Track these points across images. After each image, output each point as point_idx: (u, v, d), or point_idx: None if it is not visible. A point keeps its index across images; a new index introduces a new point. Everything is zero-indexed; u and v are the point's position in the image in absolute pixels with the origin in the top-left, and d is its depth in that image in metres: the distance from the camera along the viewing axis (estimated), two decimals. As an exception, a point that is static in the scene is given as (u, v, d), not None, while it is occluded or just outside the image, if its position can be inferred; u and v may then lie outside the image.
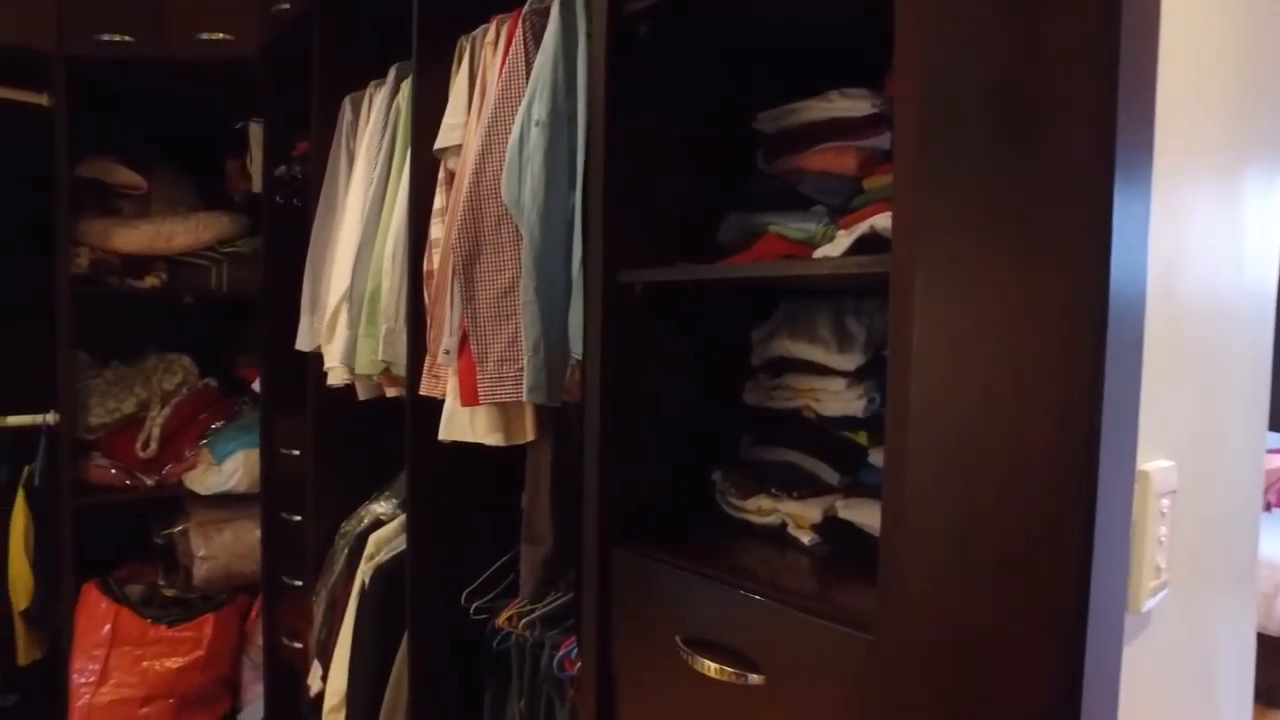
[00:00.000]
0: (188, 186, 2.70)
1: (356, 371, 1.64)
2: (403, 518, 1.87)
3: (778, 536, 1.15)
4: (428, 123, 1.51)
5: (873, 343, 1.14)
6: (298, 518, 2.15)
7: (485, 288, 1.28)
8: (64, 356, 2.40)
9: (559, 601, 1.43)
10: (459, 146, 1.42)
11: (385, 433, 1.94)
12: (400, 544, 1.78)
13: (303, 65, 2.04)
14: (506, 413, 1.35)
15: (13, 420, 2.43)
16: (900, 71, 0.74)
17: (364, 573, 1.81)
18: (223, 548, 2.61)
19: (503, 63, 1.35)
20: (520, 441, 1.37)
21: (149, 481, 2.58)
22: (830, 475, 1.15)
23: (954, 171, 0.76)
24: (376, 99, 1.80)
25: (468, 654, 1.62)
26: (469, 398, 1.30)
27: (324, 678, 1.90)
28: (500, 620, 1.46)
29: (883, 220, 0.96)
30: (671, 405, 1.20)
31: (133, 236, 2.47)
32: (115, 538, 2.61)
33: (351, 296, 1.64)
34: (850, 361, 1.13)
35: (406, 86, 1.69)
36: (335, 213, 1.88)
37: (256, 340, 2.63)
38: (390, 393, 1.70)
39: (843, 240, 1.02)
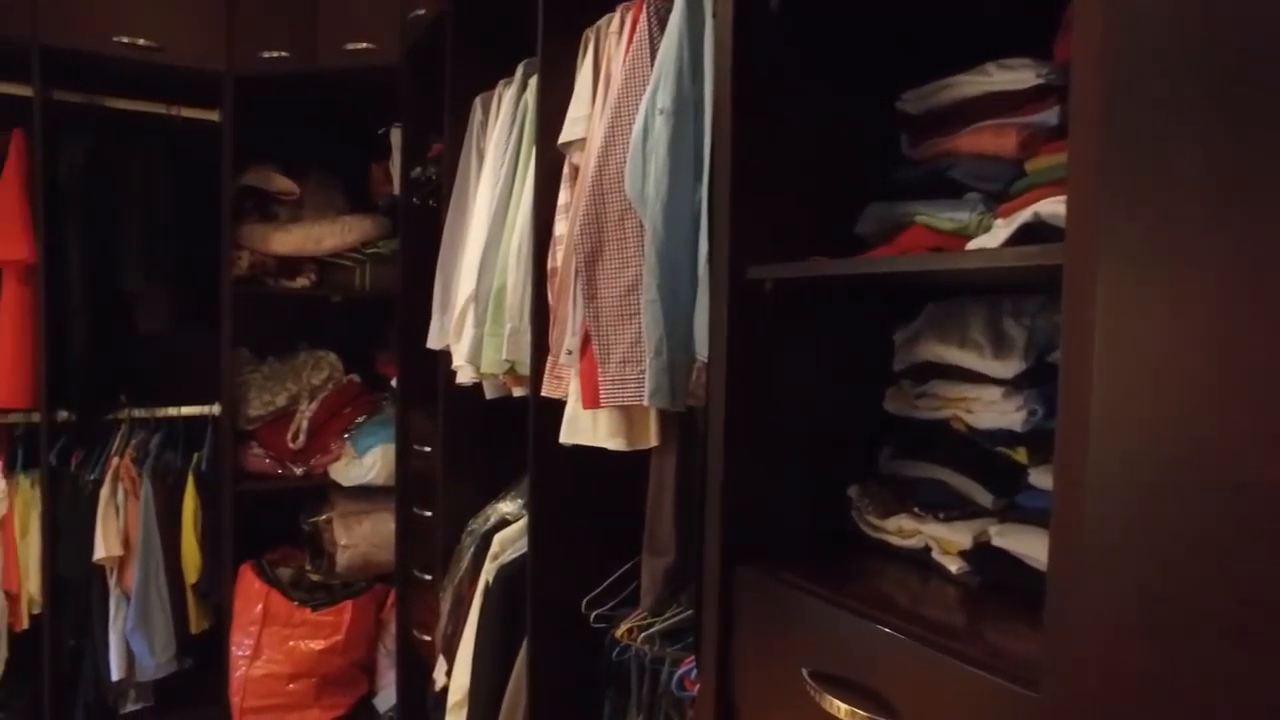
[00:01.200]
0: (336, 191, 2.83)
1: (482, 371, 1.63)
2: (527, 518, 1.86)
3: (920, 561, 1.03)
4: (553, 117, 1.48)
5: (1034, 347, 1.00)
6: (429, 513, 2.19)
7: (607, 285, 1.22)
8: (227, 352, 2.56)
9: (680, 616, 1.37)
10: (583, 140, 1.38)
11: (513, 431, 1.93)
12: (524, 544, 1.77)
13: (439, 69, 2.07)
14: (629, 416, 1.29)
15: (185, 410, 2.63)
16: (1081, 20, 0.62)
17: (488, 572, 1.81)
18: (362, 537, 2.71)
19: (626, 51, 1.29)
20: (643, 447, 1.31)
21: (298, 471, 2.72)
22: (983, 496, 1.02)
23: (1148, 144, 0.63)
24: (505, 97, 1.80)
25: (587, 661, 1.58)
26: (590, 400, 1.25)
27: (448, 673, 1.92)
28: (619, 632, 1.41)
29: (1050, 206, 0.83)
30: (802, 412, 1.10)
31: (286, 240, 2.61)
32: (268, 522, 2.76)
33: (478, 295, 1.64)
34: (1008, 368, 1.00)
35: (533, 82, 1.67)
36: (465, 212, 1.89)
37: (396, 338, 2.73)
38: (516, 392, 1.68)
39: (1001, 230, 0.90)
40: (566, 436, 1.34)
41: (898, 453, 1.15)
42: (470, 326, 1.67)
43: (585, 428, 1.32)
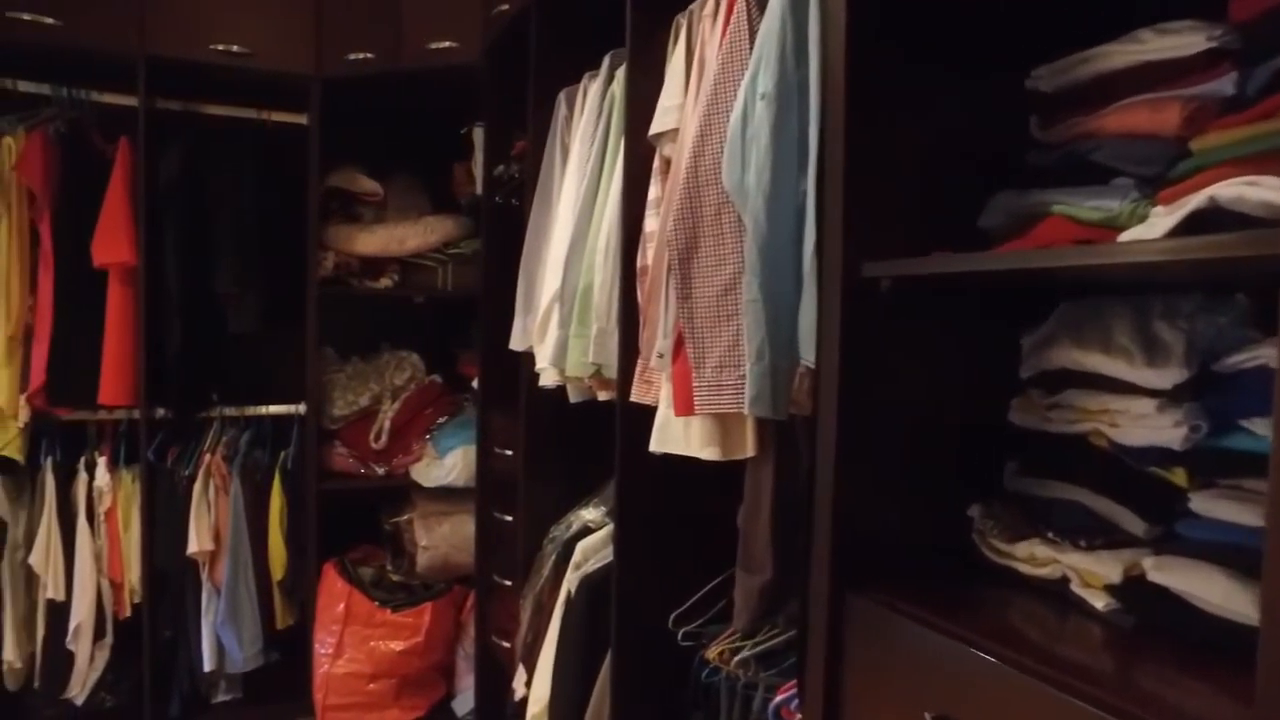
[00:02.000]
0: (419, 191, 2.83)
1: (567, 374, 1.57)
2: (611, 527, 1.80)
3: (1057, 594, 0.92)
4: (642, 108, 1.41)
5: (1195, 354, 0.88)
6: (509, 518, 2.15)
7: (703, 284, 1.15)
8: (312, 352, 2.59)
9: (777, 639, 1.27)
10: (676, 131, 1.31)
11: (597, 436, 1.87)
12: (608, 554, 1.71)
13: (522, 64, 2.03)
14: (725, 424, 1.21)
15: (273, 409, 2.67)
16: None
17: (570, 582, 1.75)
18: (442, 538, 2.70)
19: (723, 34, 1.21)
20: (739, 457, 1.23)
21: (380, 471, 2.73)
22: (1133, 523, 0.90)
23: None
24: (590, 90, 1.74)
25: (673, 680, 1.50)
26: (683, 407, 1.18)
27: (528, 684, 1.87)
28: (711, 653, 1.33)
29: (1230, 189, 0.72)
30: (919, 423, 1.00)
31: (370, 240, 2.62)
32: (351, 521, 2.78)
33: (563, 295, 1.58)
34: (1164, 378, 0.88)
35: (621, 73, 1.60)
36: (549, 209, 1.84)
37: (478, 338, 2.71)
38: (602, 396, 1.62)
39: (1161, 219, 0.78)
40: (657, 445, 1.26)
41: (1025, 469, 1.04)
42: (555, 328, 1.61)
43: (677, 436, 1.24)
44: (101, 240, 2.34)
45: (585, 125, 1.68)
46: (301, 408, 2.65)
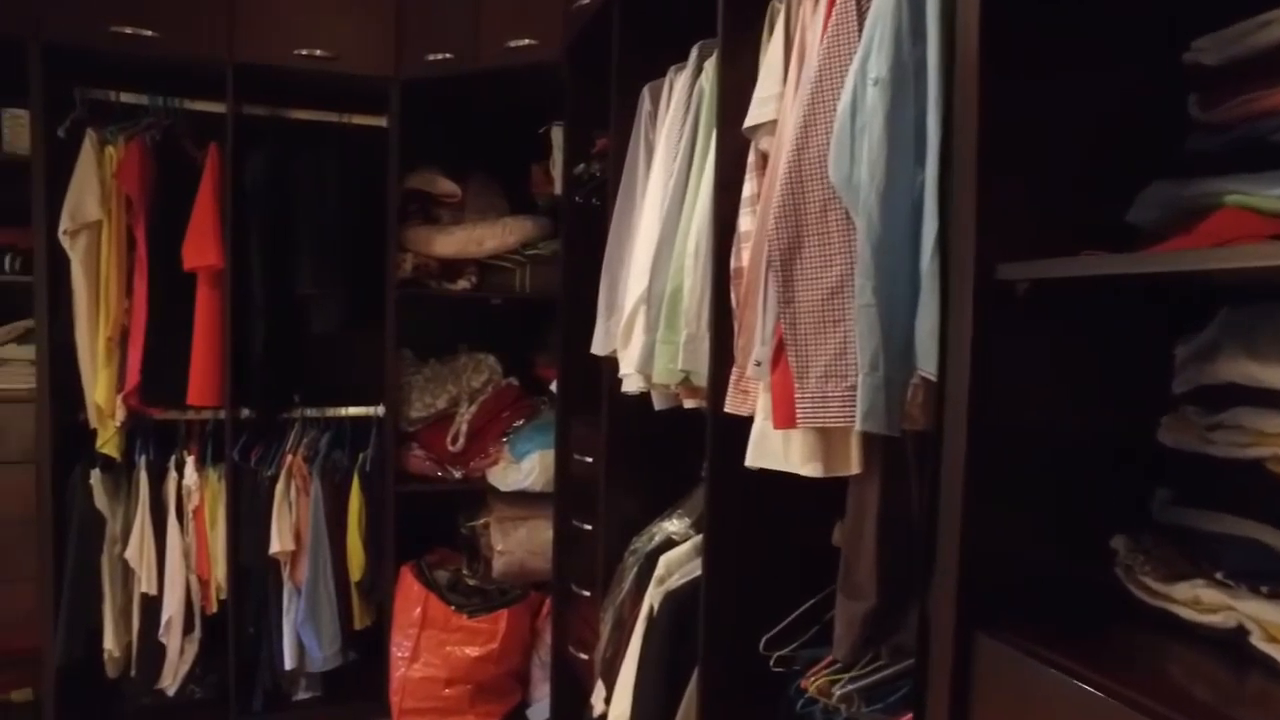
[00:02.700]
0: (497, 192, 2.80)
1: (654, 380, 1.50)
2: (696, 540, 1.72)
3: (1231, 646, 0.80)
4: (735, 100, 1.32)
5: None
6: (588, 526, 2.09)
7: (807, 287, 1.05)
8: (391, 354, 2.59)
9: (882, 671, 1.17)
10: (773, 123, 1.22)
11: (681, 444, 1.81)
12: (693, 569, 1.63)
13: (603, 59, 1.97)
14: (828, 438, 1.12)
15: (352, 411, 2.68)
16: None
17: (653, 596, 1.68)
18: (518, 544, 2.67)
19: (827, 17, 1.12)
20: (842, 473, 1.13)
21: (456, 474, 2.71)
22: (1325, 565, 0.77)
23: None
24: (677, 84, 1.66)
25: (764, 706, 1.41)
26: (784, 419, 1.09)
27: (607, 700, 1.80)
28: (809, 684, 1.23)
29: None
30: (1055, 442, 0.89)
31: (449, 242, 2.60)
32: (428, 523, 2.77)
33: (649, 298, 1.51)
34: (1365, 396, 0.75)
35: (710, 65, 1.53)
36: (632, 209, 1.77)
37: (556, 341, 2.66)
38: (689, 404, 1.54)
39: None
40: (754, 459, 1.18)
41: (1182, 498, 0.91)
42: (640, 332, 1.54)
43: (775, 450, 1.15)
44: (191, 244, 2.39)
45: (672, 121, 1.61)
46: (380, 409, 2.65)
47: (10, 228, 2.37)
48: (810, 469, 1.13)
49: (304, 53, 2.42)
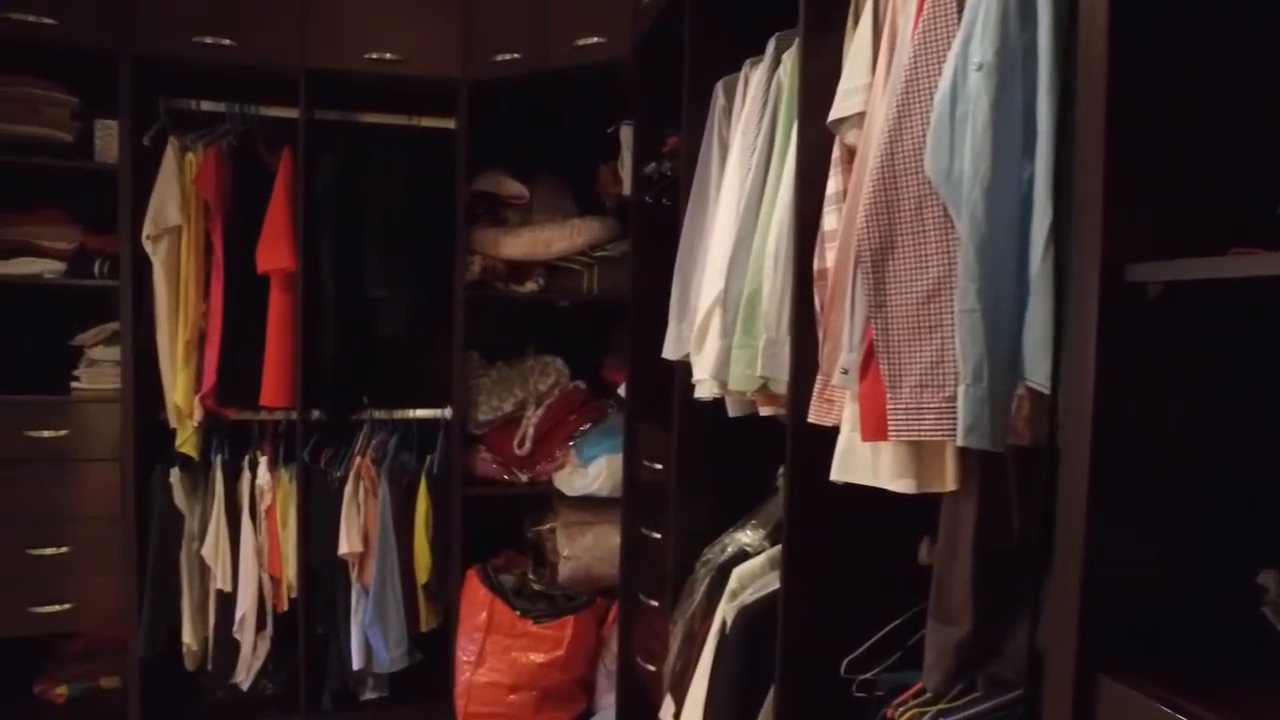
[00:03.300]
0: (564, 193, 2.78)
1: (729, 387, 1.44)
2: (770, 552, 1.65)
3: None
4: (817, 92, 1.26)
5: None
6: (657, 535, 2.04)
7: (901, 290, 0.98)
8: (458, 356, 2.58)
9: (978, 706, 1.09)
10: (861, 115, 1.15)
11: (756, 452, 1.75)
12: (768, 583, 1.56)
13: (673, 56, 1.92)
14: (920, 452, 1.04)
15: (420, 413, 2.69)
16: None
17: (726, 611, 1.61)
18: (585, 549, 2.63)
19: (921, 1, 1.04)
20: (936, 490, 1.05)
21: (523, 478, 2.69)
22: None
23: None
24: (753, 78, 1.60)
25: (845, 731, 1.34)
26: (873, 431, 1.02)
27: (676, 715, 1.75)
28: (895, 713, 1.16)
29: None
30: (1193, 463, 0.80)
31: (516, 244, 2.58)
32: (494, 527, 2.77)
33: (726, 301, 1.45)
34: None
35: (789, 58, 1.46)
36: (706, 208, 1.71)
37: (624, 344, 2.62)
38: (765, 411, 1.48)
39: None
40: (840, 473, 1.11)
41: (1335, 526, 0.81)
42: (716, 337, 1.48)
43: (863, 464, 1.08)
44: (264, 247, 2.42)
45: (748, 116, 1.54)
46: (447, 412, 2.65)
47: (102, 234, 2.45)
48: (901, 485, 1.06)
49: (374, 56, 2.44)
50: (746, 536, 1.75)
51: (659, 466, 2.03)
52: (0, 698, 2.52)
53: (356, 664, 2.59)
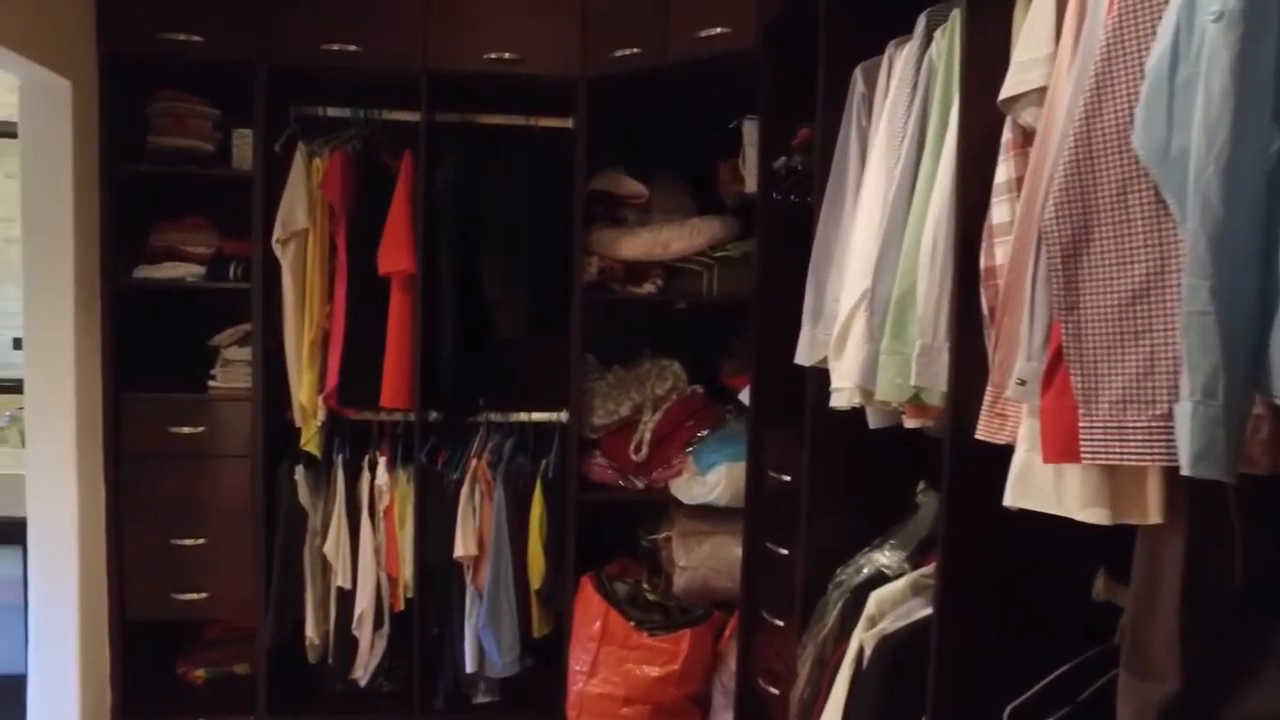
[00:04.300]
0: (683, 192, 2.69)
1: (877, 396, 1.31)
2: (912, 577, 1.51)
3: None
4: (983, 69, 1.12)
5: None
6: (784, 550, 1.92)
7: (1098, 290, 0.84)
8: (575, 359, 2.53)
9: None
10: (1041, 91, 1.01)
11: (893, 466, 1.63)
12: (910, 611, 1.43)
13: (803, 43, 1.80)
14: (1114, 478, 0.90)
15: (536, 416, 2.66)
16: None
17: (863, 638, 1.48)
18: (701, 560, 2.54)
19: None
20: (1135, 522, 0.91)
21: (639, 484, 2.62)
22: None
23: None
24: (898, 60, 1.47)
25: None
26: (1059, 451, 0.88)
27: (809, 748, 1.63)
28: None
29: None
30: None
31: (634, 244, 2.52)
32: (608, 533, 2.71)
33: (872, 303, 1.32)
34: None
35: (942, 35, 1.32)
36: (844, 203, 1.59)
37: (744, 347, 2.52)
38: (911, 424, 1.35)
39: None
40: (1015, 498, 0.97)
41: None
42: (859, 341, 1.36)
43: (1043, 489, 0.94)
44: (385, 250, 2.45)
45: (894, 101, 1.41)
46: (563, 415, 2.61)
47: (237, 238, 2.54)
48: (1091, 515, 0.92)
49: (493, 56, 2.43)
50: (884, 557, 1.62)
51: (787, 478, 1.91)
52: (149, 675, 2.65)
53: (469, 667, 2.58)
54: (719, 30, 2.22)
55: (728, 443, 2.48)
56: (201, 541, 2.50)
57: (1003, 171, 1.07)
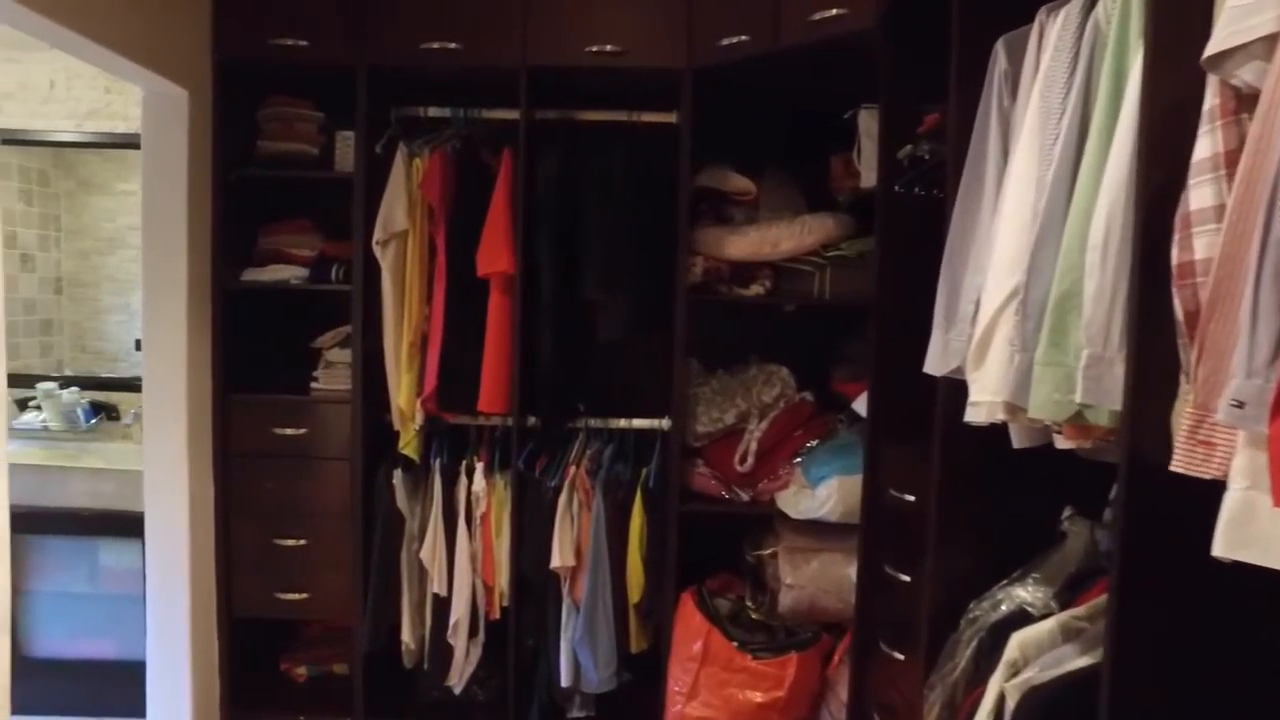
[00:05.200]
0: (793, 188, 2.54)
1: (1031, 413, 1.13)
2: (1062, 619, 1.32)
3: None
4: (1176, 22, 0.94)
5: None
6: (905, 577, 1.75)
7: (1357, 290, 0.66)
8: (679, 364, 2.42)
9: None
10: (1269, 39, 0.82)
11: (1034, 487, 1.44)
12: (1063, 659, 1.25)
13: (931, 20, 1.63)
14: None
15: (637, 423, 2.56)
16: None
17: (1004, 686, 1.30)
18: (810, 578, 2.38)
19: None
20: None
21: (744, 496, 2.49)
22: None
23: None
24: (1052, 27, 1.28)
25: None
26: (1297, 493, 0.70)
27: (937, 802, 1.46)
28: None
29: None
30: None
31: (741, 243, 2.38)
32: (709, 546, 2.59)
33: (1025, 305, 1.15)
34: None
35: (1108, -4, 1.14)
36: (982, 193, 1.41)
37: (856, 353, 2.35)
38: (1066, 444, 1.16)
39: None
40: (1230, 547, 0.79)
41: None
42: (1007, 348, 1.19)
43: (1269, 537, 0.76)
44: (484, 250, 2.40)
45: (1049, 74, 1.23)
46: (665, 422, 2.50)
47: (340, 240, 2.54)
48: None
49: (594, 49, 2.34)
50: (1026, 593, 1.43)
51: (910, 498, 1.74)
52: (254, 669, 2.70)
53: (564, 681, 2.50)
54: (835, 11, 2.05)
55: (839, 454, 2.32)
56: (302, 543, 2.52)
57: (1205, 146, 0.88)
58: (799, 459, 2.41)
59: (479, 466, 2.51)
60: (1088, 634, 1.23)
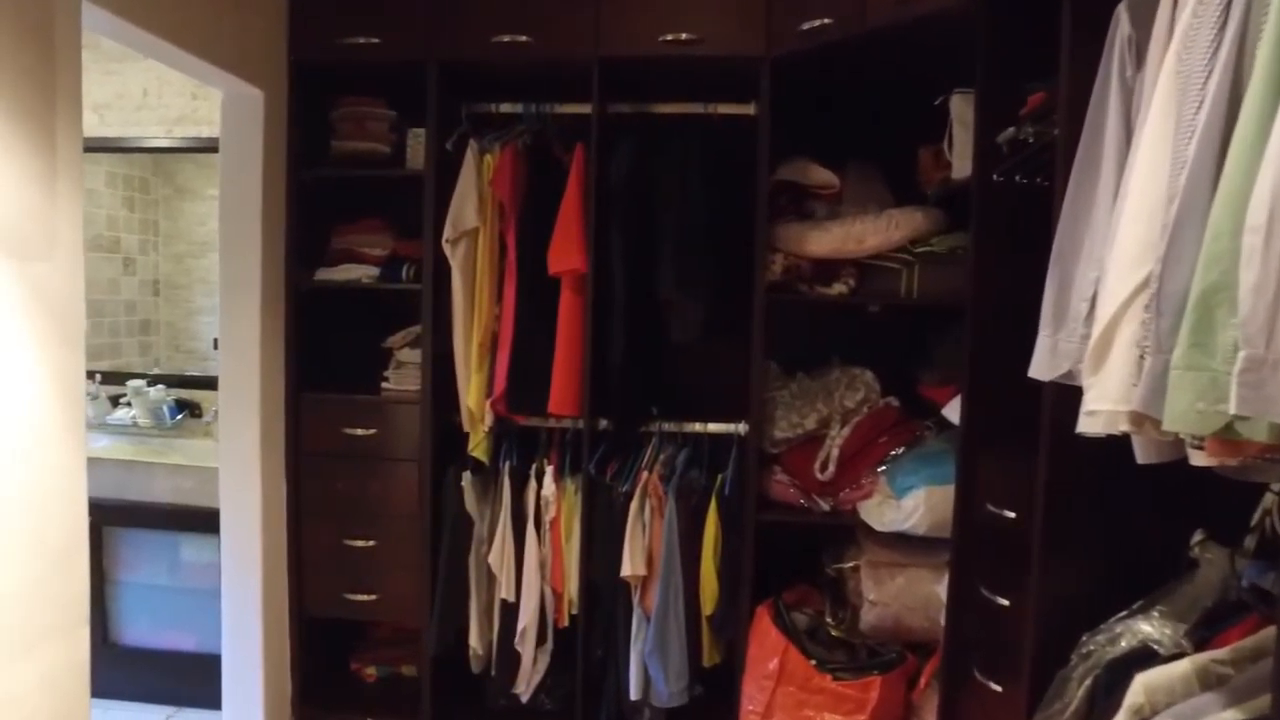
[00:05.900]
0: (878, 181, 2.40)
1: (1166, 425, 0.98)
2: (1199, 660, 1.17)
3: None
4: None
5: None
6: (1004, 600, 1.60)
7: None
8: (757, 366, 2.31)
9: None
10: None
11: (1155, 506, 1.30)
12: (1203, 710, 1.09)
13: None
14: None
15: (712, 427, 2.47)
16: None
17: (1128, 732, 1.16)
18: (894, 595, 2.24)
19: None
20: None
21: (824, 506, 2.36)
22: None
23: None
24: (1188, -12, 1.13)
25: None
26: None
27: None
28: None
29: None
30: None
31: (823, 240, 2.25)
32: (787, 557, 2.47)
33: (1159, 301, 1.00)
34: None
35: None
36: (1099, 177, 1.27)
37: (945, 355, 2.20)
38: (1204, 461, 1.01)
39: None
40: None
41: None
42: (1136, 351, 1.04)
43: None
44: (556, 248, 2.34)
45: (1185, 41, 1.08)
46: (742, 427, 2.39)
47: (411, 239, 2.52)
48: None
49: (668, 38, 2.26)
50: (1151, 627, 1.27)
51: (1010, 514, 1.59)
52: (324, 668, 2.72)
53: (634, 694, 2.41)
54: (928, -13, 1.91)
55: (927, 463, 2.17)
56: (372, 544, 2.51)
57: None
58: (883, 467, 2.27)
59: (549, 470, 2.44)
60: (1234, 682, 1.08)
